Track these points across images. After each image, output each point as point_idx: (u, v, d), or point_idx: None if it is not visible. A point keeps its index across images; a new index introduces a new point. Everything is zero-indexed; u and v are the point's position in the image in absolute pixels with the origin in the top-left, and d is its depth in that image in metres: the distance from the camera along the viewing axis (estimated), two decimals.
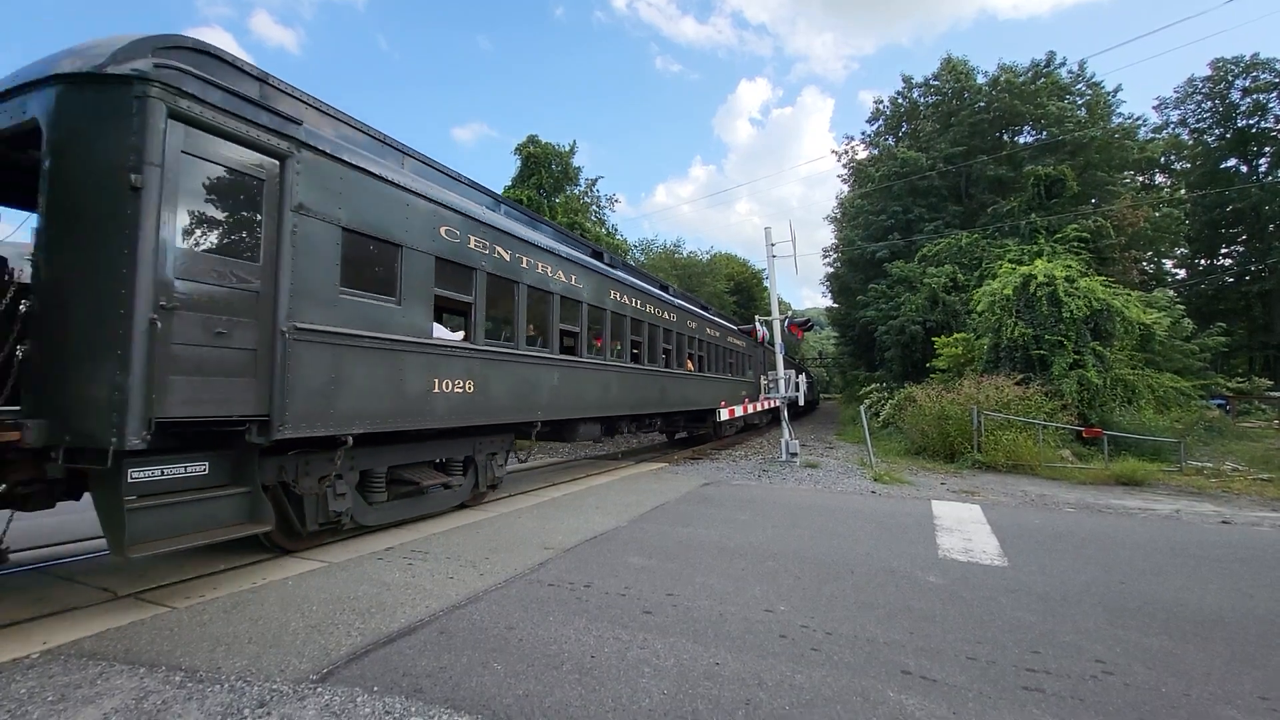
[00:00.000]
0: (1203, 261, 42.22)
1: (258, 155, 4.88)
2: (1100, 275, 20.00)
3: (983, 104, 32.19)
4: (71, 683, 3.08)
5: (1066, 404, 15.28)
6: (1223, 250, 41.89)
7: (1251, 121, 37.96)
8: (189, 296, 4.34)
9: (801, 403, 17.57)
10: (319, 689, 3.03)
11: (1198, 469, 12.93)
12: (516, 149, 31.64)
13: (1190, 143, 40.38)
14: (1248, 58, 37.50)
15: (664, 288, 15.31)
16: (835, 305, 47.49)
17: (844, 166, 42.62)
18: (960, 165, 31.36)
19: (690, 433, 18.16)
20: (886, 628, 3.96)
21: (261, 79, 5.32)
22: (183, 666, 3.27)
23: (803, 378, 16.28)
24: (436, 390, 6.74)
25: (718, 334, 18.04)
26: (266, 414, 4.83)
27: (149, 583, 4.79)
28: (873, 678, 3.24)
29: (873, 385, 27.66)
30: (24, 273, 4.49)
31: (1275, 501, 9.94)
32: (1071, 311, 16.40)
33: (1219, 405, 22.80)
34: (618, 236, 35.13)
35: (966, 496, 9.62)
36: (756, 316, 16.55)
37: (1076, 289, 16.91)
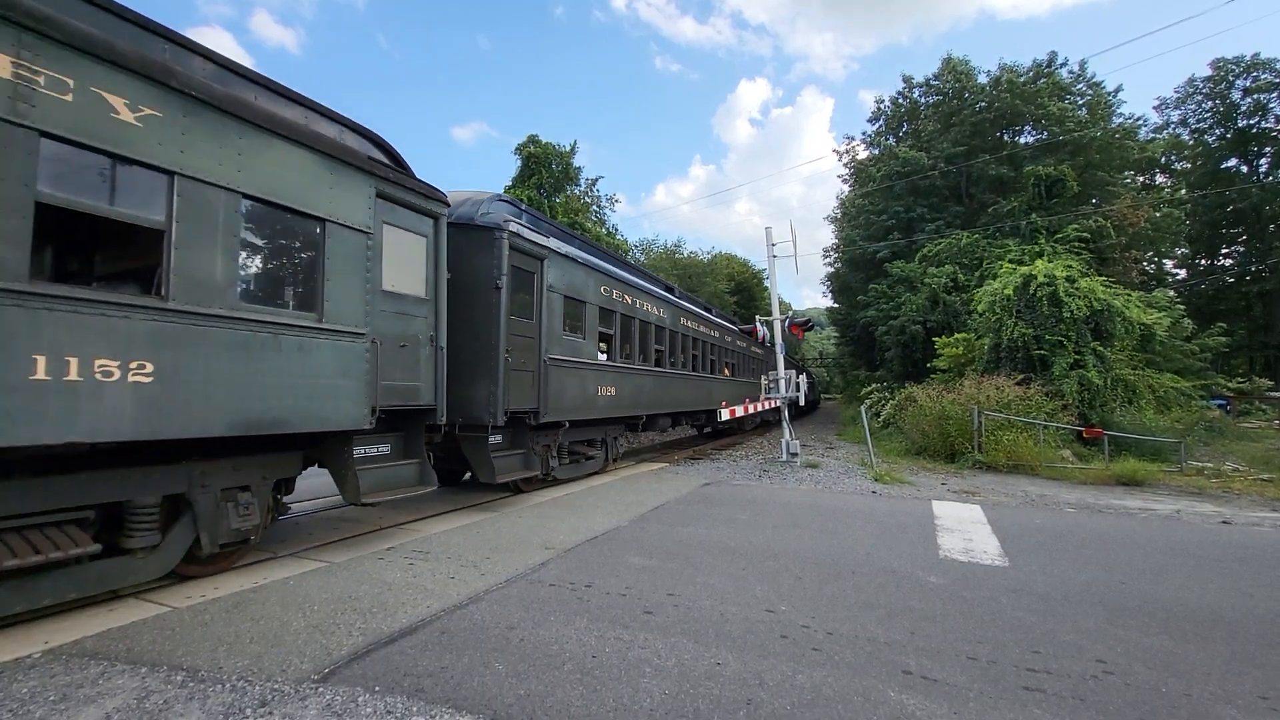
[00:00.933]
0: (1203, 261, 42.21)
1: (535, 261, 8.72)
2: (1100, 275, 19.99)
3: (984, 104, 32.15)
4: (73, 682, 3.08)
5: (1067, 404, 15.28)
6: (1223, 250, 41.87)
7: (1252, 121, 37.94)
8: (514, 343, 8.06)
9: (802, 403, 17.69)
10: (320, 689, 3.03)
11: (1198, 469, 12.93)
12: (517, 149, 31.71)
13: (1191, 143, 40.36)
14: (1248, 58, 37.49)
15: (707, 309, 18.64)
16: (836, 305, 47.50)
17: (845, 166, 42.62)
18: (961, 165, 31.33)
19: (714, 427, 20.69)
20: (887, 628, 3.96)
21: (526, 210, 9.17)
22: (184, 666, 3.27)
23: (803, 378, 16.34)
24: (599, 394, 10.57)
25: (744, 344, 21.38)
26: (537, 407, 8.60)
27: (151, 582, 4.79)
28: (874, 678, 3.24)
29: (873, 385, 27.65)
30: None
31: (1276, 501, 9.94)
32: (1072, 312, 16.39)
33: (1219, 405, 22.80)
34: (618, 236, 35.16)
35: (967, 496, 9.62)
36: (757, 316, 16.56)
37: (1077, 289, 16.91)
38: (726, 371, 18.89)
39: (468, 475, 9.56)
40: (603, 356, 10.80)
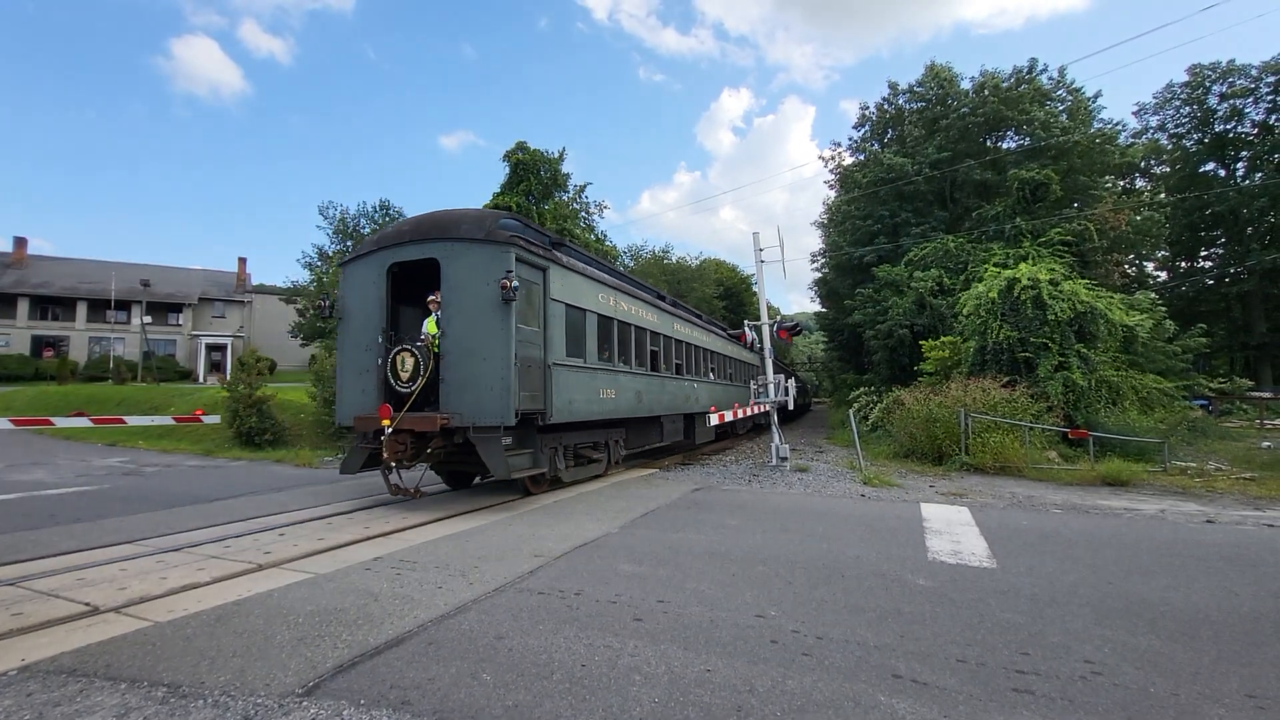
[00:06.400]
0: (1183, 264, 42.82)
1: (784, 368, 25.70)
2: (1084, 278, 20.20)
3: (967, 109, 32.45)
4: (50, 700, 3.01)
5: (1052, 405, 15.40)
6: (1202, 253, 42.50)
7: (1229, 126, 38.54)
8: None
9: (791, 407, 17.78)
10: (305, 703, 2.98)
11: (1182, 469, 13.07)
12: (505, 155, 31.66)
13: (1169, 147, 40.90)
14: (1224, 63, 38.15)
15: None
16: (824, 310, 47.71)
17: (831, 173, 42.86)
18: (946, 170, 31.62)
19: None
20: (877, 631, 3.96)
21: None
22: (165, 682, 3.21)
23: (792, 382, 16.39)
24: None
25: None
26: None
27: (131, 597, 4.70)
28: (864, 682, 3.24)
29: (861, 389, 27.77)
30: None
31: (1258, 500, 10.07)
32: (1056, 314, 16.55)
33: (1202, 405, 23.06)
34: (607, 243, 35.15)
35: (955, 498, 9.67)
36: (745, 321, 16.60)
37: (1060, 292, 17.08)
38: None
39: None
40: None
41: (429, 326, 9.03)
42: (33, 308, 43.15)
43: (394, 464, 8.16)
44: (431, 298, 8.95)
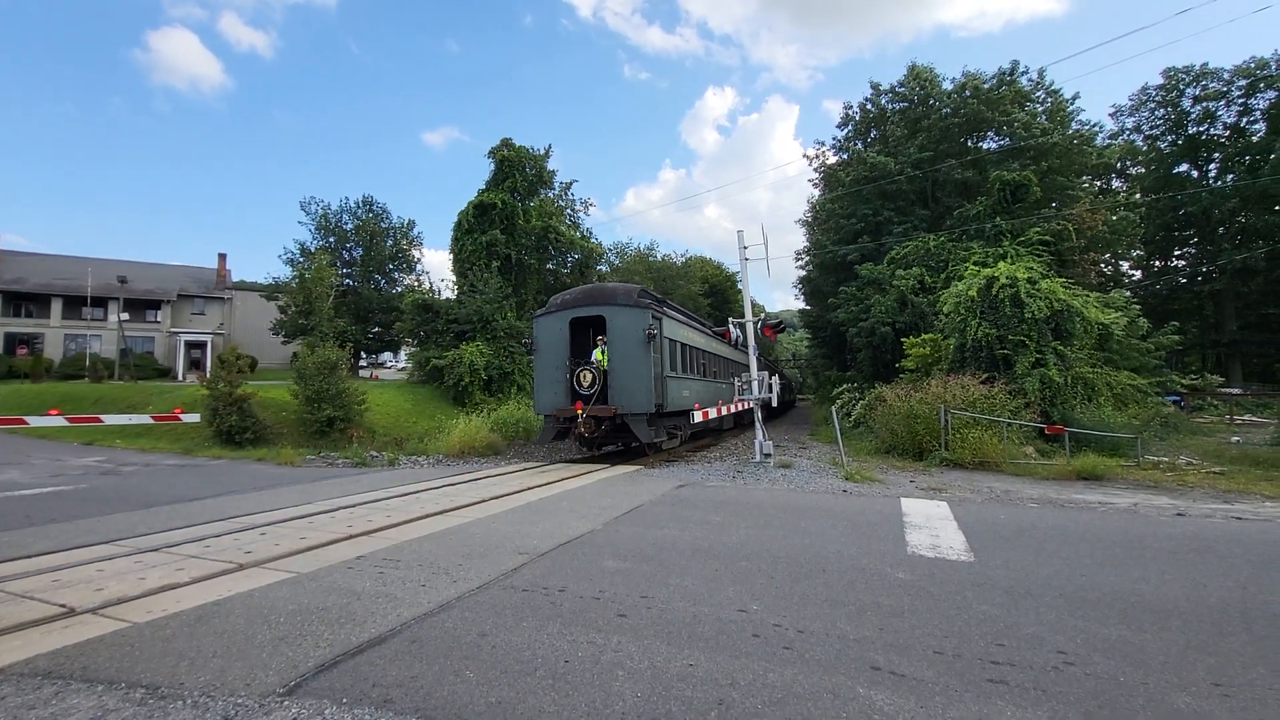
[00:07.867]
0: (1157, 263, 43.68)
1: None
2: (1061, 277, 20.54)
3: (949, 109, 32.80)
4: (25, 704, 2.97)
5: (1029, 402, 15.66)
6: (1176, 252, 43.40)
7: (1201, 129, 39.33)
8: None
9: (775, 404, 17.91)
10: (286, 702, 2.97)
11: (1154, 463, 13.35)
12: (490, 152, 31.47)
13: (1145, 149, 41.68)
14: (1197, 67, 38.92)
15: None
16: (808, 308, 48.06)
17: (815, 171, 43.13)
18: (928, 170, 31.94)
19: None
20: (857, 624, 4.02)
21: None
22: (143, 683, 3.18)
23: (776, 379, 16.50)
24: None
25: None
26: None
27: (109, 598, 4.64)
28: (843, 674, 3.29)
29: (844, 386, 28.02)
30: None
31: (1227, 494, 10.32)
32: (1033, 312, 16.83)
33: (1174, 401, 23.55)
34: (592, 240, 35.09)
35: (934, 493, 9.81)
36: (730, 319, 16.68)
37: (1038, 290, 17.36)
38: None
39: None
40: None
41: (597, 355, 14.44)
42: (5, 304, 42.11)
43: (586, 434, 13.78)
44: (600, 337, 14.44)
